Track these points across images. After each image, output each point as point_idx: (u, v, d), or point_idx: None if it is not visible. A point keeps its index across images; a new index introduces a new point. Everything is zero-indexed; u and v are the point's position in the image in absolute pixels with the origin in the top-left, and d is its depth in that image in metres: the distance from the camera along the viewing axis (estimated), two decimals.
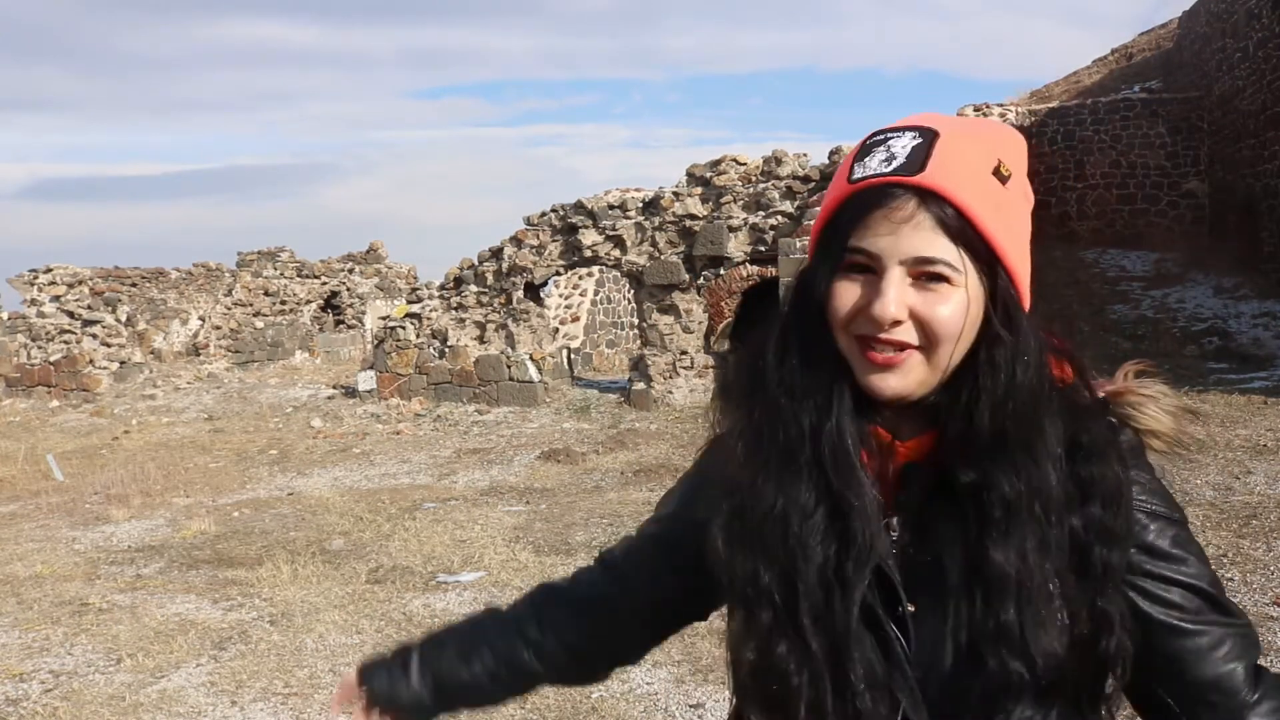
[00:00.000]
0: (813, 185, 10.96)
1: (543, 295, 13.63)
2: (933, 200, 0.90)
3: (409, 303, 13.67)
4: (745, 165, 11.50)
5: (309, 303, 20.69)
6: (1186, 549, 0.98)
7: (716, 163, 11.58)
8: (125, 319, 16.43)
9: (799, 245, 10.10)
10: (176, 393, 14.82)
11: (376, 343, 13.54)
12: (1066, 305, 12.51)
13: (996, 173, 0.93)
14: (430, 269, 29.39)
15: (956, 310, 0.91)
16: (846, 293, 0.93)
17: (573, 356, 15.99)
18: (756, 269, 11.25)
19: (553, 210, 12.37)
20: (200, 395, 14.51)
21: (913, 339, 0.91)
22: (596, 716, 3.72)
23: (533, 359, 12.21)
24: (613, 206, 11.91)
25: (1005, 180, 0.94)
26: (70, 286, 16.60)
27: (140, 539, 6.98)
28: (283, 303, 20.20)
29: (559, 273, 13.03)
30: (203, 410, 13.48)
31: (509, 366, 12.18)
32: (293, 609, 5.11)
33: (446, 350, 12.66)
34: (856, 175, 0.94)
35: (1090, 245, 15.77)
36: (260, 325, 19.24)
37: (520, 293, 12.55)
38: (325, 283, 21.11)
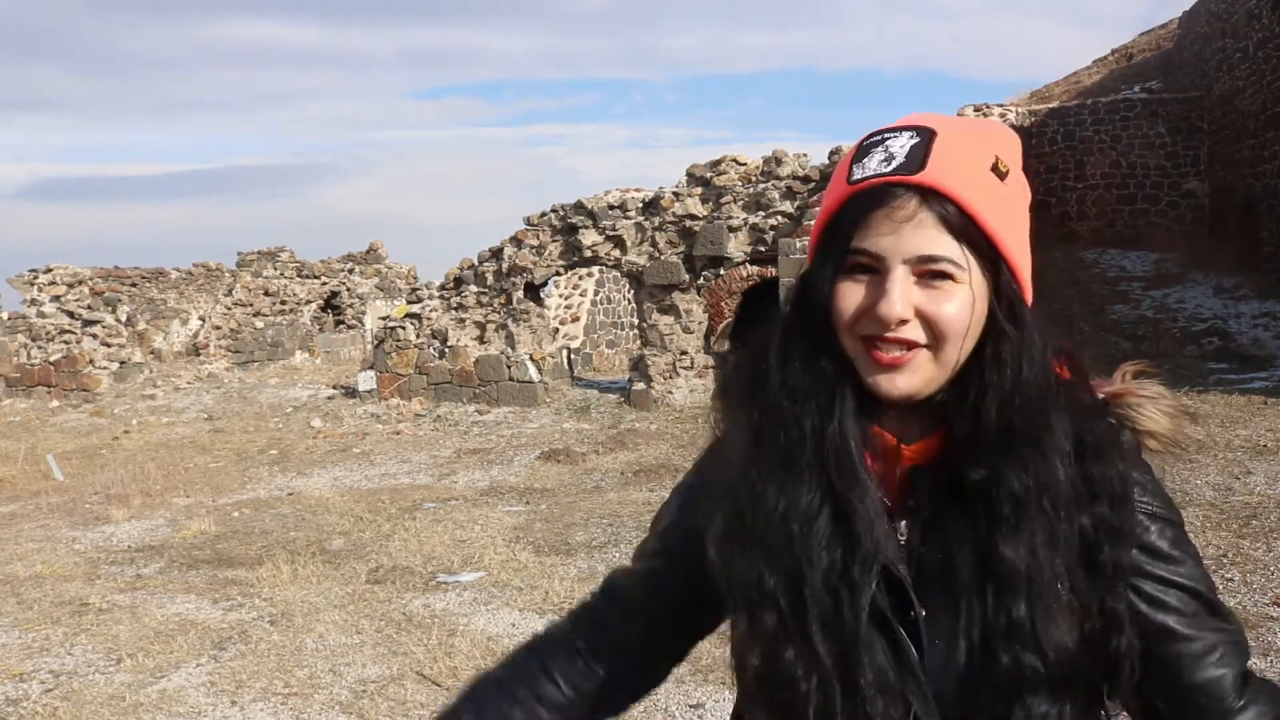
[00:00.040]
0: (813, 185, 10.96)
1: (543, 295, 13.63)
2: (934, 198, 0.90)
3: (409, 303, 13.67)
4: (745, 165, 11.50)
5: (309, 303, 20.69)
6: (1184, 550, 0.98)
7: (716, 163, 11.58)
8: (125, 319, 16.43)
9: (799, 245, 10.10)
10: (176, 393, 14.82)
11: (376, 343, 13.54)
12: (1066, 305, 12.51)
13: (995, 169, 0.94)
14: (430, 269, 29.45)
15: (962, 307, 0.91)
16: (850, 294, 0.93)
17: (573, 356, 15.99)
18: (756, 269, 11.25)
19: (553, 210, 12.37)
20: (200, 395, 14.51)
21: (920, 337, 0.91)
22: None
23: (533, 359, 12.21)
24: (613, 206, 11.91)
25: (1004, 176, 0.94)
26: (70, 286, 16.60)
27: (140, 539, 6.98)
28: (283, 303, 20.20)
29: (559, 273, 13.03)
30: (203, 410, 13.48)
31: (509, 367, 12.18)
32: (293, 609, 5.11)
33: (446, 350, 12.66)
34: (856, 176, 0.93)
35: (1090, 245, 15.77)
36: (260, 325, 19.24)
37: (520, 293, 12.55)
38: (325, 283, 21.11)
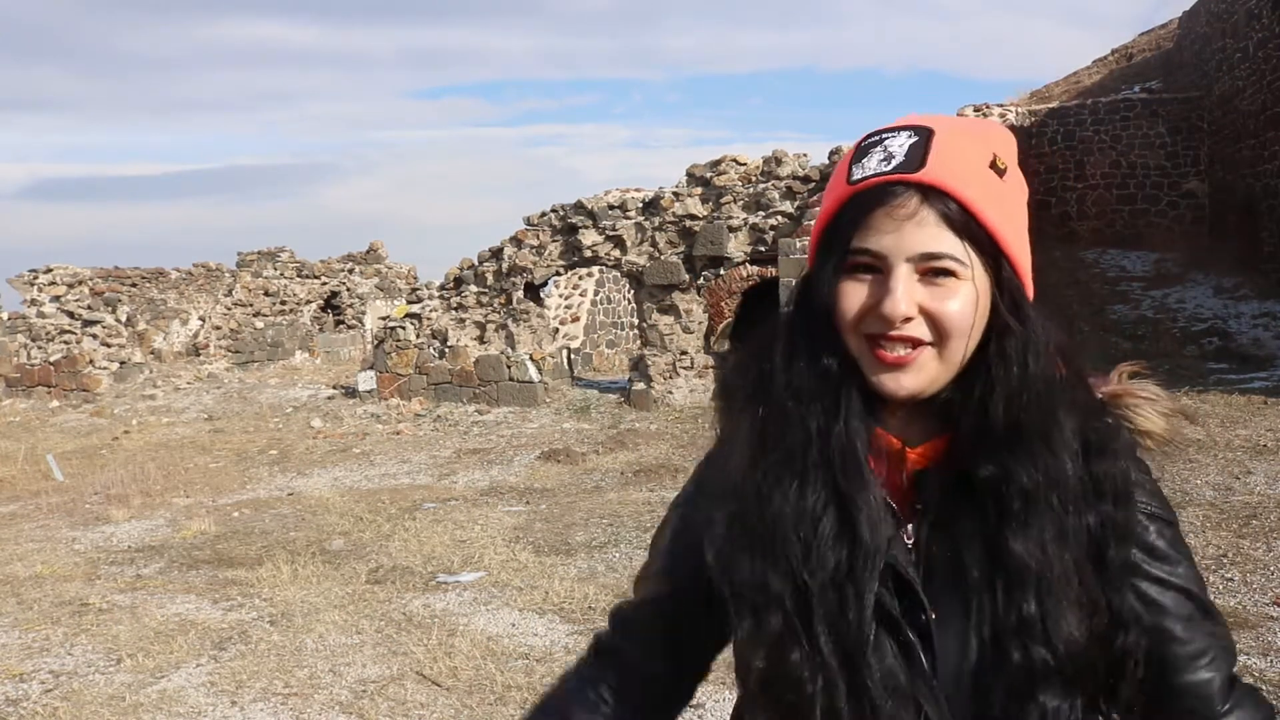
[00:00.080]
0: (813, 185, 10.97)
1: (543, 295, 13.64)
2: (935, 196, 0.91)
3: (409, 303, 13.67)
4: (745, 165, 11.50)
5: (309, 303, 20.69)
6: (1180, 551, 0.99)
7: (716, 163, 11.59)
8: (125, 319, 16.43)
9: (799, 245, 10.10)
10: (176, 393, 14.82)
11: (376, 343, 13.54)
12: (1066, 305, 12.51)
13: (993, 166, 0.94)
14: (430, 269, 29.46)
15: (966, 303, 0.91)
16: (853, 293, 0.93)
17: (573, 356, 15.99)
18: (756, 269, 11.25)
19: (553, 210, 12.37)
20: (200, 395, 14.51)
21: (924, 335, 0.91)
22: None
23: (533, 359, 12.21)
24: (613, 206, 11.91)
25: (1002, 173, 0.95)
26: (70, 286, 16.61)
27: (140, 539, 6.98)
28: (283, 303, 20.20)
29: (559, 273, 13.03)
30: (203, 410, 13.48)
31: (509, 367, 12.18)
32: (293, 609, 5.11)
33: (446, 350, 12.66)
34: (855, 176, 0.94)
35: (1090, 245, 15.76)
36: (260, 325, 19.24)
37: (520, 293, 12.55)
38: (325, 283, 21.11)
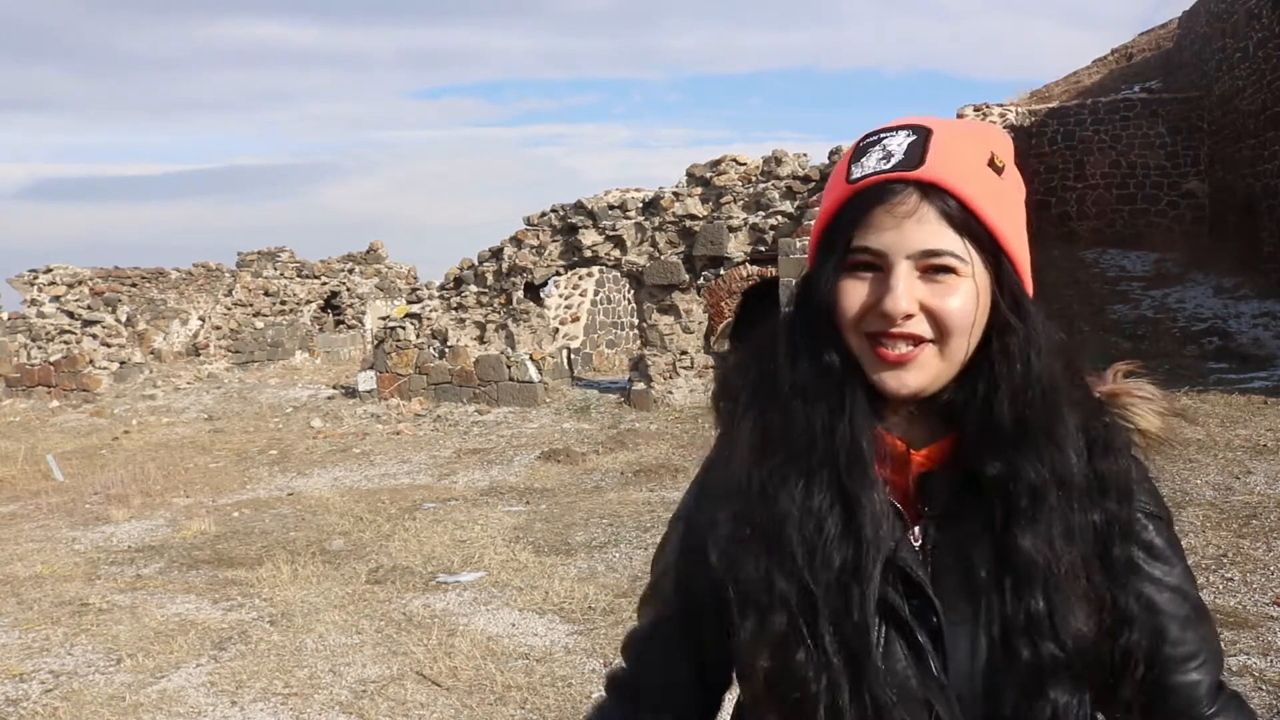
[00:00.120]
0: (813, 185, 10.97)
1: (543, 295, 13.64)
2: (935, 193, 0.91)
3: (409, 303, 13.67)
4: (745, 165, 11.50)
5: (309, 303, 20.69)
6: (1176, 552, 1.00)
7: (716, 163, 11.59)
8: (125, 319, 16.43)
9: (799, 245, 10.10)
10: (176, 393, 14.82)
11: (376, 343, 13.54)
12: (1066, 305, 12.50)
13: (991, 164, 0.95)
14: (430, 269, 29.46)
15: (967, 300, 0.91)
16: (854, 292, 0.93)
17: (573, 356, 15.99)
18: (756, 269, 11.25)
19: (553, 210, 12.37)
20: (200, 395, 14.51)
21: (925, 332, 0.91)
22: None
23: (533, 359, 12.21)
24: (613, 206, 11.91)
25: (1000, 171, 0.95)
26: (70, 286, 16.61)
27: (140, 539, 6.98)
28: (283, 303, 20.20)
29: (559, 273, 13.03)
30: (203, 410, 13.48)
31: (509, 367, 12.18)
32: (293, 609, 5.11)
33: (446, 350, 12.66)
34: (855, 175, 0.94)
35: (1090, 245, 15.76)
36: (260, 325, 19.25)
37: (520, 293, 12.55)
38: (325, 283, 21.11)
